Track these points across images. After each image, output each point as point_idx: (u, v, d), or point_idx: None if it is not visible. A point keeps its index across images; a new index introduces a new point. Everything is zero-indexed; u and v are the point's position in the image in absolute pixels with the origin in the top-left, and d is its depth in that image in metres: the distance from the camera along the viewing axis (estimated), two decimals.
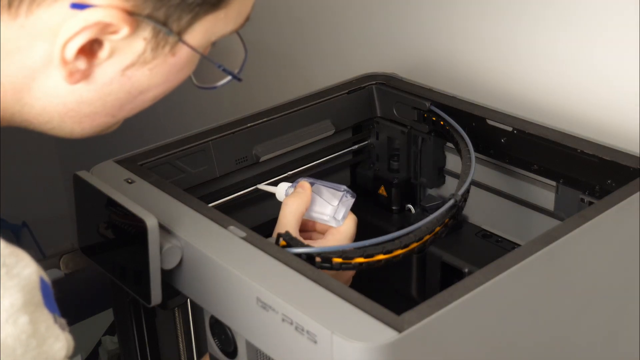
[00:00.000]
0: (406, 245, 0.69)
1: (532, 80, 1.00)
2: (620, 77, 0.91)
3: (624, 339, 0.80)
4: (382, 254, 0.68)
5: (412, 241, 0.70)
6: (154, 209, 0.67)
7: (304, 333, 0.58)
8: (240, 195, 0.90)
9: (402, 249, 0.69)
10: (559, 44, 0.96)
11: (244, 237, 0.68)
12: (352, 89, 0.98)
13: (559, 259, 0.68)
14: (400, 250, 0.69)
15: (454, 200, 0.75)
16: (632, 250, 0.75)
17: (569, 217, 0.70)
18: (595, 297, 0.74)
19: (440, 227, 0.73)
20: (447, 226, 0.74)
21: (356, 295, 0.60)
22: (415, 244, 0.70)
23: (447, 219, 0.74)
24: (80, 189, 0.74)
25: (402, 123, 0.97)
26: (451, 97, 0.93)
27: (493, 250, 0.91)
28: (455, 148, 0.88)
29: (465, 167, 0.82)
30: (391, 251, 0.68)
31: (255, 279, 0.63)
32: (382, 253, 0.68)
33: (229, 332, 0.69)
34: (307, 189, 0.76)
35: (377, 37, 1.18)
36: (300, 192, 0.76)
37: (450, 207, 0.75)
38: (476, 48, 1.05)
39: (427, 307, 0.58)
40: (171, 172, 0.84)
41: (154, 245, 0.67)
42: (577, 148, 0.81)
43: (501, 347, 0.66)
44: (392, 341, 0.55)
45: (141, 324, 0.85)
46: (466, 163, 0.82)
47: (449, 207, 0.75)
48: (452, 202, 0.75)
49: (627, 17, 0.87)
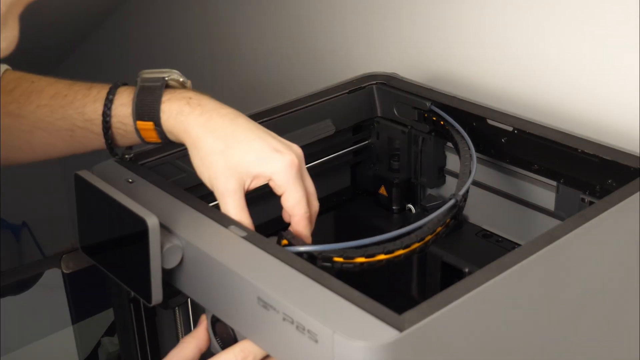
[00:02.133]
0: (408, 246, 0.69)
1: (533, 80, 1.00)
2: (620, 77, 0.91)
3: (624, 338, 0.80)
4: (384, 254, 0.68)
5: (414, 241, 0.70)
6: (154, 209, 0.67)
7: (304, 332, 0.58)
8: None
9: (404, 249, 0.69)
10: (559, 44, 0.96)
11: (245, 237, 0.68)
12: (352, 88, 0.98)
13: (560, 259, 0.68)
14: (401, 250, 0.69)
15: (454, 200, 0.75)
16: (632, 250, 0.75)
17: (569, 217, 0.70)
18: (596, 297, 0.74)
19: (442, 227, 0.73)
20: (448, 226, 0.74)
21: (357, 295, 0.60)
22: (417, 244, 0.70)
23: (449, 219, 0.74)
24: (81, 188, 0.74)
25: (402, 123, 0.97)
26: (451, 97, 0.93)
27: (493, 250, 0.91)
28: (454, 148, 0.88)
29: (464, 167, 0.82)
30: (392, 251, 0.68)
31: (256, 278, 0.63)
32: (384, 253, 0.68)
33: (231, 331, 0.69)
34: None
35: (378, 37, 1.18)
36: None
37: (451, 207, 0.75)
38: (476, 48, 1.05)
39: (427, 306, 0.59)
40: (172, 172, 0.84)
41: (154, 245, 0.67)
42: (577, 148, 0.82)
43: (502, 346, 0.66)
44: (393, 340, 0.55)
45: (141, 324, 0.85)
46: (465, 163, 0.82)
47: (450, 206, 0.75)
48: (453, 202, 0.75)
49: (627, 16, 0.87)
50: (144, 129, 0.77)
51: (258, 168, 0.71)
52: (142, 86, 0.77)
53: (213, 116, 0.74)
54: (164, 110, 0.76)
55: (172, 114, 0.75)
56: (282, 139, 0.74)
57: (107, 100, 0.78)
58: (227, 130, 0.73)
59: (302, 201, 0.72)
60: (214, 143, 0.72)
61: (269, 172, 0.71)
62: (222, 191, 0.71)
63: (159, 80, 0.77)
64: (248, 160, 0.71)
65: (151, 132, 0.77)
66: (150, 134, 0.77)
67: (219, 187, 0.72)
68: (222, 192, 0.72)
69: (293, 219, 0.73)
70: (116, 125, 0.79)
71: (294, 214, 0.73)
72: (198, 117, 0.74)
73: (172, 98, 0.76)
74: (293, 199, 0.72)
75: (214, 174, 0.72)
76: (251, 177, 0.72)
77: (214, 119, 0.73)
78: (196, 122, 0.74)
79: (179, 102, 0.75)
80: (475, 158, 0.82)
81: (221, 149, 0.72)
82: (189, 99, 0.75)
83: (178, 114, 0.75)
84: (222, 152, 0.72)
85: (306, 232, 0.73)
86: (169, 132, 0.76)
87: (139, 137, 0.78)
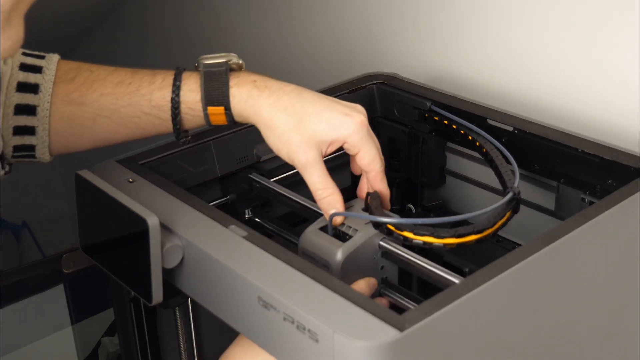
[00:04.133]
0: (480, 231, 0.71)
1: (533, 80, 1.00)
2: (620, 77, 0.91)
3: (624, 338, 0.80)
4: (474, 234, 0.70)
5: (486, 227, 0.71)
6: (155, 208, 0.68)
7: (305, 332, 0.58)
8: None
9: (476, 234, 0.71)
10: (559, 44, 0.96)
11: (245, 236, 0.68)
12: (352, 88, 0.98)
13: (560, 259, 0.68)
14: (474, 235, 0.71)
15: (512, 192, 0.76)
16: (632, 249, 0.75)
17: (569, 217, 0.70)
18: (596, 297, 0.74)
19: (504, 219, 0.74)
20: (508, 219, 0.75)
21: (357, 294, 0.60)
22: (490, 230, 0.72)
23: (509, 212, 0.75)
24: (82, 188, 0.75)
25: (402, 123, 0.97)
26: (452, 97, 0.93)
27: (493, 250, 0.91)
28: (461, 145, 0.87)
29: (498, 160, 0.82)
30: (482, 231, 0.71)
31: (256, 278, 0.63)
32: (474, 233, 0.70)
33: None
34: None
35: (378, 37, 1.18)
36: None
37: (510, 199, 0.75)
38: (476, 48, 1.05)
39: (428, 306, 0.59)
40: (172, 171, 0.84)
41: (155, 244, 0.67)
42: (577, 148, 0.82)
43: (502, 346, 0.66)
44: (394, 340, 0.55)
45: (142, 323, 0.85)
46: (497, 156, 0.83)
47: (509, 199, 0.75)
48: (511, 194, 0.75)
49: (628, 17, 0.87)
50: (214, 113, 0.79)
51: (333, 134, 0.76)
52: (208, 72, 0.79)
53: (280, 95, 0.77)
54: (234, 95, 0.78)
55: (242, 98, 0.78)
56: (346, 103, 0.79)
57: (175, 87, 0.80)
58: (296, 106, 0.76)
59: (377, 157, 0.78)
60: (287, 121, 0.76)
61: (344, 136, 0.76)
62: (304, 163, 0.75)
63: (223, 65, 0.79)
64: (322, 130, 0.75)
65: (221, 117, 0.79)
66: (220, 117, 0.80)
67: (300, 159, 0.75)
68: (304, 163, 0.75)
69: (370, 175, 0.78)
70: (184, 110, 0.80)
71: (370, 170, 0.78)
72: (267, 99, 0.77)
73: (239, 82, 0.79)
74: (368, 156, 0.77)
75: (293, 149, 0.75)
76: (327, 144, 0.76)
77: (282, 98, 0.77)
78: (266, 104, 0.77)
79: (247, 86, 0.78)
80: (503, 148, 0.83)
81: (294, 124, 0.76)
82: (255, 82, 0.78)
83: (248, 97, 0.78)
84: (296, 128, 0.75)
85: (384, 185, 0.79)
86: (238, 115, 0.79)
87: (207, 121, 0.80)
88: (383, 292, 0.76)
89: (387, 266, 0.76)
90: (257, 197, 0.90)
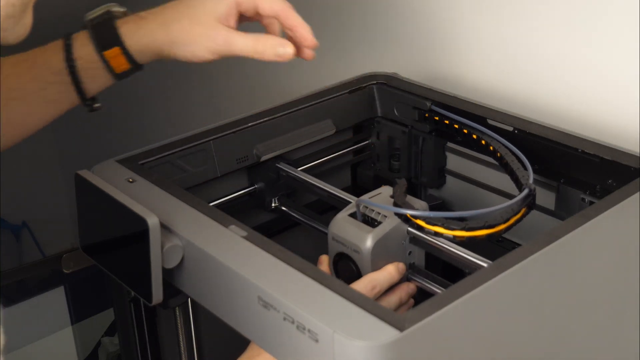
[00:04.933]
0: (507, 220, 0.72)
1: (533, 80, 1.00)
2: (620, 77, 0.91)
3: (624, 338, 0.80)
4: (485, 229, 0.71)
5: (499, 223, 0.72)
6: (155, 208, 0.68)
7: (305, 332, 0.58)
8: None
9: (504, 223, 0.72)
10: (559, 44, 0.96)
11: (245, 236, 0.68)
12: (352, 88, 0.98)
13: (560, 259, 0.68)
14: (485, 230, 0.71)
15: (528, 189, 0.76)
16: (632, 249, 0.75)
17: (569, 217, 0.70)
18: (596, 297, 0.74)
19: (520, 216, 0.75)
20: (524, 216, 0.75)
21: (357, 294, 0.60)
22: (502, 225, 0.72)
23: (524, 208, 0.75)
24: (82, 188, 0.75)
25: (402, 123, 0.97)
26: (452, 97, 0.93)
27: (493, 250, 0.91)
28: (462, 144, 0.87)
29: (509, 157, 0.82)
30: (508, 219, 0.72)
31: (256, 277, 0.63)
32: (485, 227, 0.71)
33: (353, 267, 0.73)
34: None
35: (378, 37, 1.18)
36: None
37: (526, 196, 0.75)
38: (476, 48, 1.05)
39: (428, 306, 0.59)
40: (172, 172, 0.84)
41: (155, 244, 0.67)
42: (577, 148, 0.82)
43: (502, 346, 0.66)
44: (394, 340, 0.55)
45: (142, 323, 0.85)
46: (507, 153, 0.83)
47: (525, 196, 0.75)
48: (527, 191, 0.75)
49: (627, 17, 0.87)
50: (112, 56, 0.79)
51: (223, 4, 0.77)
52: (93, 22, 0.80)
53: (164, 10, 0.79)
54: (125, 34, 0.79)
55: (133, 32, 0.79)
56: None
57: (66, 45, 0.80)
58: (179, 8, 0.79)
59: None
60: (180, 25, 0.77)
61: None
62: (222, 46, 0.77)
63: (105, 12, 0.80)
64: (210, 8, 0.77)
65: (120, 59, 0.80)
66: (120, 60, 0.80)
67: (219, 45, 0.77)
68: (222, 46, 0.77)
69: (281, 16, 0.80)
70: (83, 66, 0.80)
71: (277, 9, 0.80)
72: (154, 22, 0.79)
73: (126, 21, 0.80)
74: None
75: (205, 43, 0.77)
76: (226, 16, 0.77)
77: (165, 12, 0.79)
78: (155, 26, 0.78)
79: (133, 20, 0.79)
80: (512, 146, 0.83)
81: (188, 23, 0.77)
82: (138, 15, 0.80)
83: (138, 29, 0.79)
84: (190, 25, 0.77)
85: (300, 19, 0.80)
86: (137, 51, 0.79)
87: (110, 71, 0.80)
88: (411, 277, 0.76)
89: (415, 251, 0.77)
90: (284, 186, 0.91)
